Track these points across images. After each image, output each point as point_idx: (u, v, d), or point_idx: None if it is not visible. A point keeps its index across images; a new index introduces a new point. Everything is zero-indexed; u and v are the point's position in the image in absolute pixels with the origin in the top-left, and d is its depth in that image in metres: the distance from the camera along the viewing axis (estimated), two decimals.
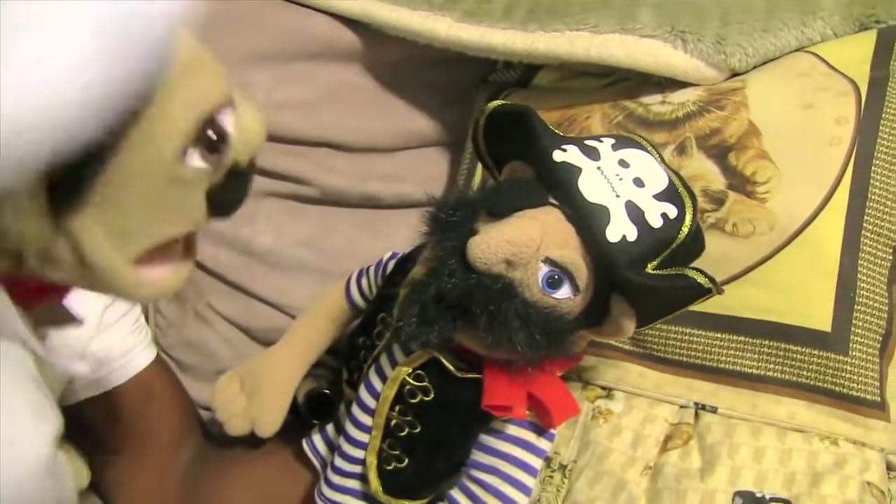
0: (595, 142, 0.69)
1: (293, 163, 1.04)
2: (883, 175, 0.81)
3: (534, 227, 0.63)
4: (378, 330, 0.79)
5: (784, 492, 0.75)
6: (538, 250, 0.63)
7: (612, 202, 0.65)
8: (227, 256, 1.06)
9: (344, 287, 0.87)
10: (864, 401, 0.78)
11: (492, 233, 0.62)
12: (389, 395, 0.75)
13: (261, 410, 0.85)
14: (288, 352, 0.87)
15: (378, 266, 0.84)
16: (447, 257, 0.64)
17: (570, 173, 0.65)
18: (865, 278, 0.79)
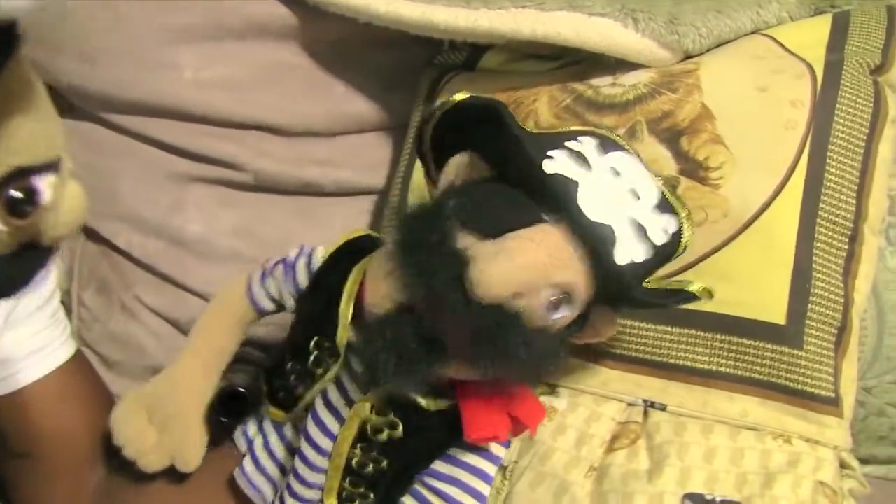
0: (575, 143, 0.63)
1: (224, 146, 0.98)
2: (839, 160, 0.78)
3: (541, 253, 0.59)
4: (315, 356, 0.71)
5: (735, 493, 0.72)
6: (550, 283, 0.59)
7: (615, 220, 0.60)
8: (155, 246, 1.00)
9: (246, 289, 0.78)
10: (818, 397, 0.75)
11: (500, 264, 0.57)
12: (349, 435, 0.70)
13: (180, 445, 0.77)
14: (194, 371, 0.78)
15: (286, 267, 0.76)
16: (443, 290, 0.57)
17: (568, 188, 0.59)
18: (821, 269, 0.76)
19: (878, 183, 0.79)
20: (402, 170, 0.96)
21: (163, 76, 0.96)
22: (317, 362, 0.70)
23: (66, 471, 0.83)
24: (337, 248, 0.74)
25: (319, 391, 0.71)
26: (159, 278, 1.01)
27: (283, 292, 0.76)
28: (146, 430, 0.76)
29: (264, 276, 0.77)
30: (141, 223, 0.99)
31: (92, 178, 0.98)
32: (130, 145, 0.99)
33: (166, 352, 1.00)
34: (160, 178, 0.99)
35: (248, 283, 0.77)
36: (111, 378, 1.00)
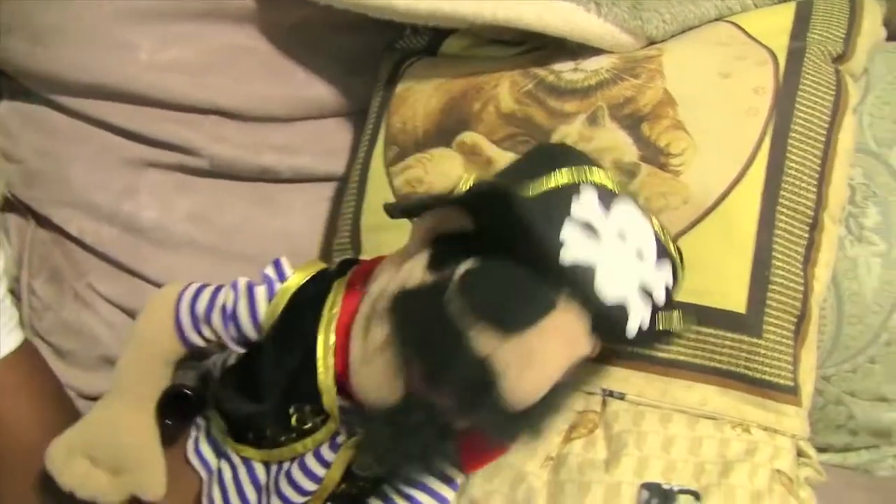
0: (579, 207, 0.59)
1: (179, 130, 0.96)
2: (800, 148, 0.77)
3: (564, 347, 0.58)
4: (297, 418, 0.69)
5: (693, 483, 0.71)
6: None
7: (627, 294, 0.59)
8: (108, 232, 0.97)
9: (175, 330, 0.72)
10: (777, 385, 0.74)
11: (531, 377, 0.56)
12: (336, 476, 0.69)
13: (142, 483, 0.74)
14: (129, 412, 0.73)
15: (226, 318, 0.71)
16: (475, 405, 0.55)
17: (586, 277, 0.57)
18: (781, 257, 0.76)
19: (838, 171, 0.79)
20: (362, 156, 0.94)
21: (117, 58, 0.93)
22: (300, 421, 0.69)
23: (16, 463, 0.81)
24: (291, 298, 0.70)
25: (315, 446, 0.69)
26: (113, 266, 0.99)
27: (223, 339, 0.72)
28: (93, 473, 0.73)
29: (196, 320, 0.72)
30: (93, 209, 0.97)
31: (43, 162, 0.96)
32: (82, 129, 0.96)
33: (119, 341, 0.97)
34: (113, 164, 0.97)
35: (178, 323, 0.72)
36: (64, 369, 0.98)
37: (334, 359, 0.66)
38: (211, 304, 0.72)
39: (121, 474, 0.73)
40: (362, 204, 0.91)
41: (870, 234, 0.84)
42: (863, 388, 0.86)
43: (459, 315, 0.55)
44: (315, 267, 0.72)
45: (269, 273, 0.71)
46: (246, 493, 0.73)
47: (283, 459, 0.70)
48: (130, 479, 0.73)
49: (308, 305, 0.68)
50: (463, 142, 0.85)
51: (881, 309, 0.83)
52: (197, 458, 0.76)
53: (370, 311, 0.62)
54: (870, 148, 0.85)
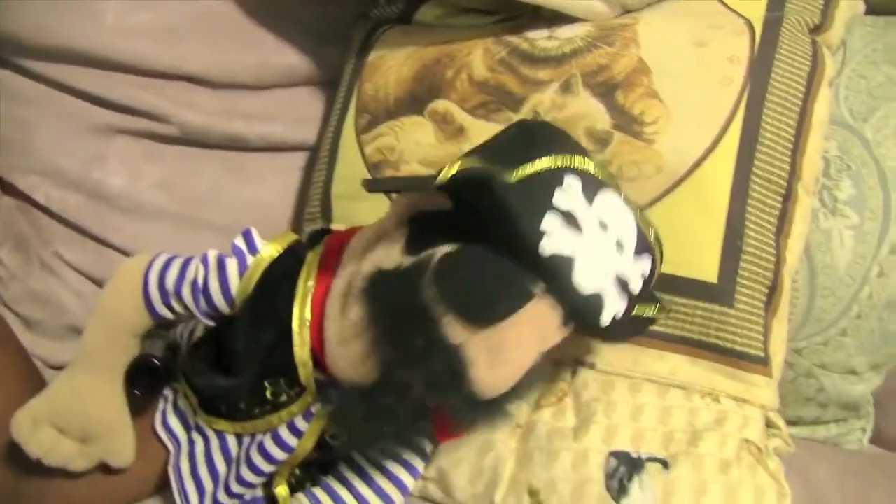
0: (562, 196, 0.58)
1: (148, 97, 0.95)
2: (775, 118, 0.77)
3: (536, 339, 0.58)
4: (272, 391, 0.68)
5: (661, 451, 0.71)
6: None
7: (604, 285, 0.59)
8: (75, 200, 0.96)
9: (144, 303, 0.71)
10: (747, 356, 0.74)
11: (501, 370, 0.56)
12: (308, 446, 0.69)
13: (110, 451, 0.73)
14: (96, 383, 0.72)
15: (196, 292, 0.69)
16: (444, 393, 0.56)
17: (564, 268, 0.56)
18: (754, 227, 0.75)
19: (812, 142, 0.78)
20: (333, 124, 0.93)
21: (82, 21, 0.92)
22: (275, 395, 0.68)
23: None
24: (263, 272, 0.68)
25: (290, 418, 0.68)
26: (80, 234, 0.98)
27: (193, 313, 0.70)
28: (61, 442, 0.71)
29: (164, 292, 0.70)
30: (60, 176, 0.96)
31: (7, 128, 0.95)
32: (48, 94, 0.95)
33: (87, 310, 0.95)
34: (80, 130, 0.95)
35: (146, 297, 0.70)
36: (32, 339, 0.97)
37: (310, 334, 0.65)
38: (181, 277, 0.70)
39: (89, 443, 0.72)
40: (333, 172, 0.90)
41: (843, 207, 0.83)
42: (833, 360, 0.86)
43: (433, 303, 0.55)
44: (287, 239, 0.70)
45: (240, 245, 0.69)
46: (216, 465, 0.72)
47: (256, 431, 0.70)
48: (99, 447, 0.72)
49: (282, 280, 0.67)
50: (435, 109, 0.84)
51: (853, 282, 0.83)
52: (164, 431, 0.76)
53: (346, 289, 0.61)
54: (845, 121, 0.85)
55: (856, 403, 0.90)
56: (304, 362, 0.65)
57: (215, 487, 0.71)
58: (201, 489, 0.72)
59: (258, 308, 0.67)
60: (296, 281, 0.66)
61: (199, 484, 0.72)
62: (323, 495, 0.70)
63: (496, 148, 0.63)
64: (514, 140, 0.64)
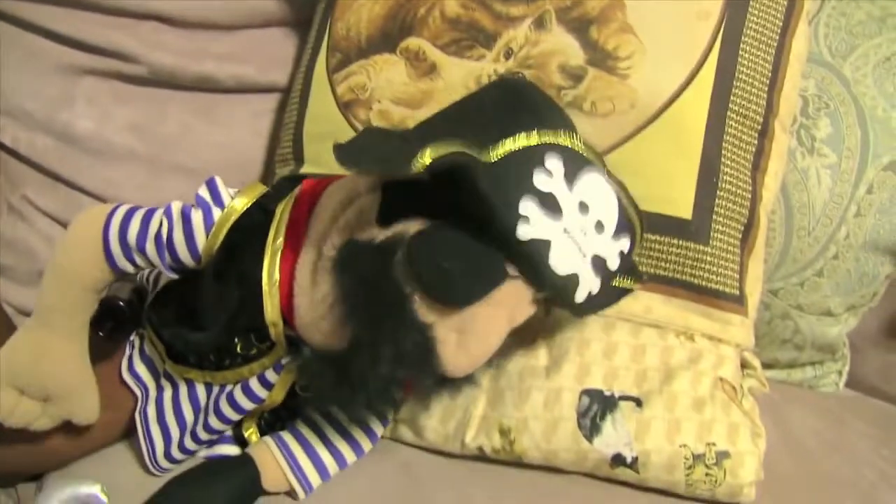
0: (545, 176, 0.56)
1: (116, 36, 0.93)
2: (751, 54, 0.75)
3: (505, 320, 0.58)
4: (242, 345, 0.67)
5: (634, 389, 0.71)
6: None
7: (580, 266, 0.58)
8: (43, 142, 0.94)
9: (105, 259, 0.67)
10: (723, 294, 0.74)
11: (469, 350, 0.56)
12: (278, 398, 0.68)
13: (74, 409, 0.70)
14: (59, 343, 0.68)
15: (160, 247, 0.66)
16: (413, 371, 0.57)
17: (540, 253, 0.55)
18: (729, 163, 0.74)
19: (790, 79, 0.77)
20: (305, 63, 0.91)
21: None
22: (245, 348, 0.67)
23: None
24: (230, 228, 0.65)
25: (261, 370, 0.67)
26: (50, 178, 0.96)
27: (157, 266, 0.68)
28: (23, 402, 0.67)
29: (127, 247, 0.67)
30: (27, 118, 0.93)
31: None
32: (12, 33, 0.93)
33: None
34: (47, 70, 0.93)
35: (107, 252, 0.67)
36: (2, 284, 0.95)
37: (279, 293, 0.63)
38: (143, 231, 0.67)
39: (51, 402, 0.68)
40: (305, 112, 0.88)
41: (821, 146, 0.83)
42: (810, 302, 0.86)
43: (405, 281, 0.55)
44: (255, 191, 0.67)
45: (204, 196, 0.66)
46: (183, 412, 0.71)
47: (227, 382, 0.69)
48: (62, 407, 0.69)
49: (249, 237, 0.65)
50: (407, 47, 0.83)
51: (830, 221, 0.83)
52: (131, 377, 0.74)
53: (316, 258, 0.60)
54: (824, 58, 0.84)
55: (832, 345, 0.90)
56: (275, 322, 0.64)
57: (182, 434, 0.71)
58: (167, 435, 0.71)
59: (225, 267, 0.65)
60: (264, 239, 0.64)
61: (165, 430, 0.71)
62: (290, 438, 0.70)
63: (479, 112, 0.61)
64: (499, 106, 0.61)
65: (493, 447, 0.71)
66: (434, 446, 0.73)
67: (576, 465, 0.70)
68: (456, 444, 0.72)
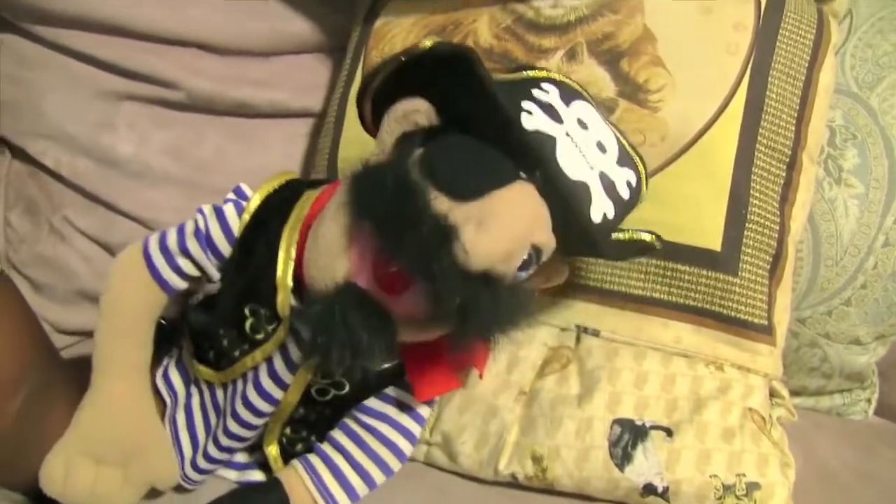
0: (541, 92, 0.60)
1: (157, 63, 0.95)
2: (779, 86, 0.76)
3: (524, 215, 0.57)
4: (251, 323, 0.67)
5: (665, 419, 0.71)
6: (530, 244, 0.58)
7: (589, 177, 0.59)
8: (84, 165, 0.97)
9: (151, 276, 0.68)
10: (751, 324, 0.74)
11: (490, 232, 0.54)
12: (293, 400, 0.69)
13: (154, 470, 0.69)
14: (123, 394, 0.68)
15: (201, 239, 0.68)
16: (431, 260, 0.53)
17: (547, 146, 0.57)
18: (758, 195, 0.75)
19: (817, 111, 0.78)
20: (340, 91, 0.93)
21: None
22: (254, 329, 0.67)
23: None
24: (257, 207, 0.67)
25: (263, 358, 0.67)
26: (89, 199, 0.98)
27: (205, 267, 0.69)
28: (103, 474, 0.67)
29: (169, 255, 0.68)
30: (69, 141, 0.96)
31: (18, 93, 0.95)
32: (59, 60, 0.95)
33: (97, 276, 0.97)
34: (90, 95, 0.96)
35: (152, 269, 0.68)
36: (40, 302, 0.97)
37: (296, 256, 0.64)
38: (181, 235, 0.68)
39: (130, 463, 0.68)
40: (340, 138, 0.90)
41: (848, 177, 0.83)
42: (838, 330, 0.86)
43: (420, 182, 0.55)
44: (286, 175, 0.70)
45: (231, 196, 0.69)
46: (209, 418, 0.73)
47: (235, 377, 0.70)
48: (141, 465, 0.69)
49: (277, 208, 0.67)
50: None
51: (858, 251, 0.83)
52: (164, 382, 0.75)
53: (332, 204, 0.60)
54: (851, 89, 0.85)
55: (860, 374, 0.90)
56: (285, 285, 0.64)
57: (206, 438, 0.72)
58: (195, 442, 0.72)
59: (250, 234, 0.67)
60: (290, 211, 0.66)
61: (193, 436, 0.72)
62: (317, 461, 0.70)
63: None
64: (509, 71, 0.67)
65: (526, 474, 0.72)
66: (468, 472, 0.74)
67: (607, 493, 0.70)
68: (489, 470, 0.73)
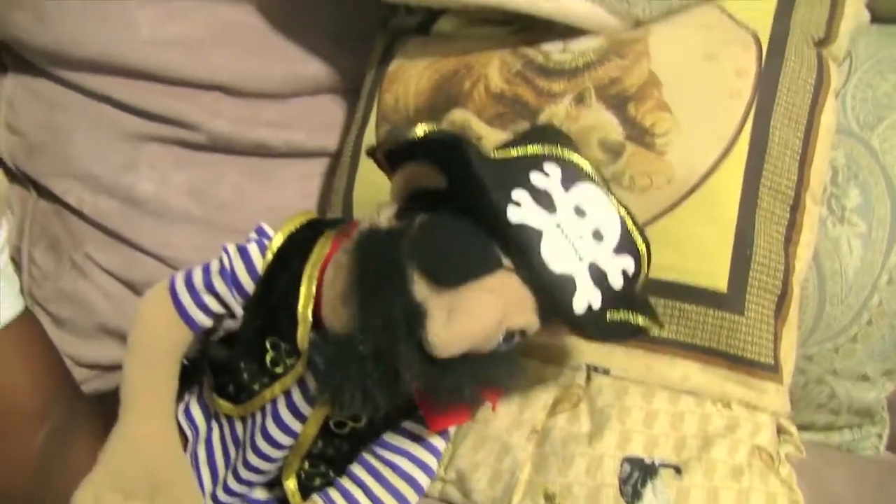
0: (541, 176, 0.61)
1: (179, 105, 0.97)
2: (782, 130, 0.78)
3: (498, 305, 0.58)
4: (272, 357, 0.69)
5: (674, 457, 0.73)
6: (506, 329, 0.59)
7: (576, 268, 0.60)
8: (106, 204, 0.99)
9: (178, 315, 0.71)
10: (758, 363, 0.76)
11: (455, 324, 0.56)
12: (311, 433, 0.70)
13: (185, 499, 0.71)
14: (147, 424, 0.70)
15: (226, 277, 0.70)
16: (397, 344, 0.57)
17: (531, 239, 0.58)
18: (763, 236, 0.77)
19: (820, 153, 0.80)
20: (354, 132, 0.95)
21: (119, 33, 0.94)
22: (274, 362, 0.69)
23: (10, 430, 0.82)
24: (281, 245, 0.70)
25: (282, 391, 0.69)
26: (111, 237, 1.00)
27: (229, 304, 0.71)
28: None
29: (195, 293, 0.71)
30: (92, 181, 0.98)
31: (44, 135, 0.98)
32: (83, 103, 0.98)
33: (117, 311, 1.00)
34: (113, 137, 0.98)
35: (179, 306, 0.71)
36: (61, 337, 1.00)
37: (316, 293, 0.66)
38: (207, 273, 0.71)
39: (158, 497, 0.69)
40: (355, 178, 0.92)
41: (851, 215, 0.85)
42: (845, 367, 0.88)
43: (406, 260, 0.58)
44: (306, 216, 0.73)
45: (254, 236, 0.71)
46: (229, 451, 0.74)
47: (254, 410, 0.71)
48: (169, 500, 0.70)
49: (298, 247, 0.69)
50: (453, 120, 0.87)
51: (862, 289, 0.85)
52: (185, 417, 0.77)
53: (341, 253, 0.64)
54: (852, 130, 0.87)
55: (869, 409, 0.91)
56: (306, 318, 0.66)
57: (226, 471, 0.74)
58: (215, 475, 0.74)
59: (274, 273, 0.69)
60: (311, 249, 0.68)
61: (213, 470, 0.74)
62: (337, 496, 0.71)
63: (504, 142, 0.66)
64: (518, 135, 0.67)
65: None
66: None
67: None
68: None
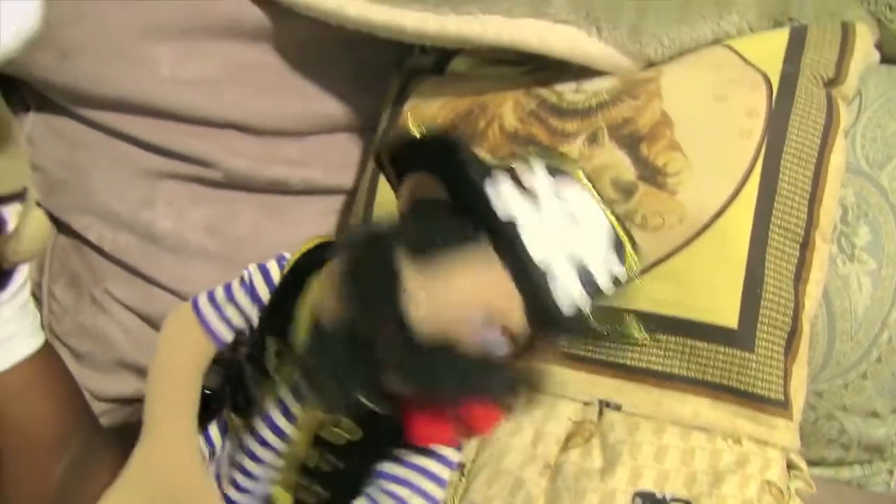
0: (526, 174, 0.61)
1: (196, 143, 0.99)
2: (792, 170, 0.80)
3: (478, 287, 0.58)
4: (270, 357, 0.71)
5: (685, 492, 0.73)
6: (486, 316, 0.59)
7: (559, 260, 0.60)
8: (125, 240, 1.00)
9: (203, 329, 0.72)
10: (768, 399, 0.77)
11: (436, 295, 0.57)
12: (303, 438, 0.70)
13: None
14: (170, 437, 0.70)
15: (247, 291, 0.72)
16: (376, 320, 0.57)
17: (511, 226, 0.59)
18: (773, 274, 0.78)
19: (829, 192, 0.81)
20: (370, 173, 0.97)
21: (139, 73, 0.96)
22: (272, 363, 0.70)
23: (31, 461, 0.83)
24: (296, 260, 0.72)
25: (277, 396, 0.70)
26: (129, 272, 1.02)
27: (249, 316, 0.72)
28: None
29: (217, 305, 0.72)
30: (112, 218, 1.00)
31: (64, 171, 0.99)
32: (103, 141, 0.99)
33: (135, 345, 1.01)
34: (132, 174, 1.00)
35: (202, 318, 0.72)
36: (80, 371, 1.00)
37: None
38: (228, 288, 0.73)
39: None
40: (371, 214, 0.94)
41: (861, 253, 0.86)
42: (854, 403, 0.88)
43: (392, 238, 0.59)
44: (326, 237, 0.74)
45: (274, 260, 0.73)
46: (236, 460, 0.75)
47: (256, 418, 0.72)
48: None
49: (313, 262, 0.70)
50: None
51: (872, 326, 0.86)
52: (203, 438, 0.77)
53: None
54: (861, 168, 0.88)
55: (879, 445, 0.91)
56: (304, 321, 0.67)
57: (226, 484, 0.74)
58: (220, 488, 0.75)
59: (287, 281, 0.71)
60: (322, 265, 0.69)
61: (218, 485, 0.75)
62: None
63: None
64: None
65: None
66: None
67: None
68: None
